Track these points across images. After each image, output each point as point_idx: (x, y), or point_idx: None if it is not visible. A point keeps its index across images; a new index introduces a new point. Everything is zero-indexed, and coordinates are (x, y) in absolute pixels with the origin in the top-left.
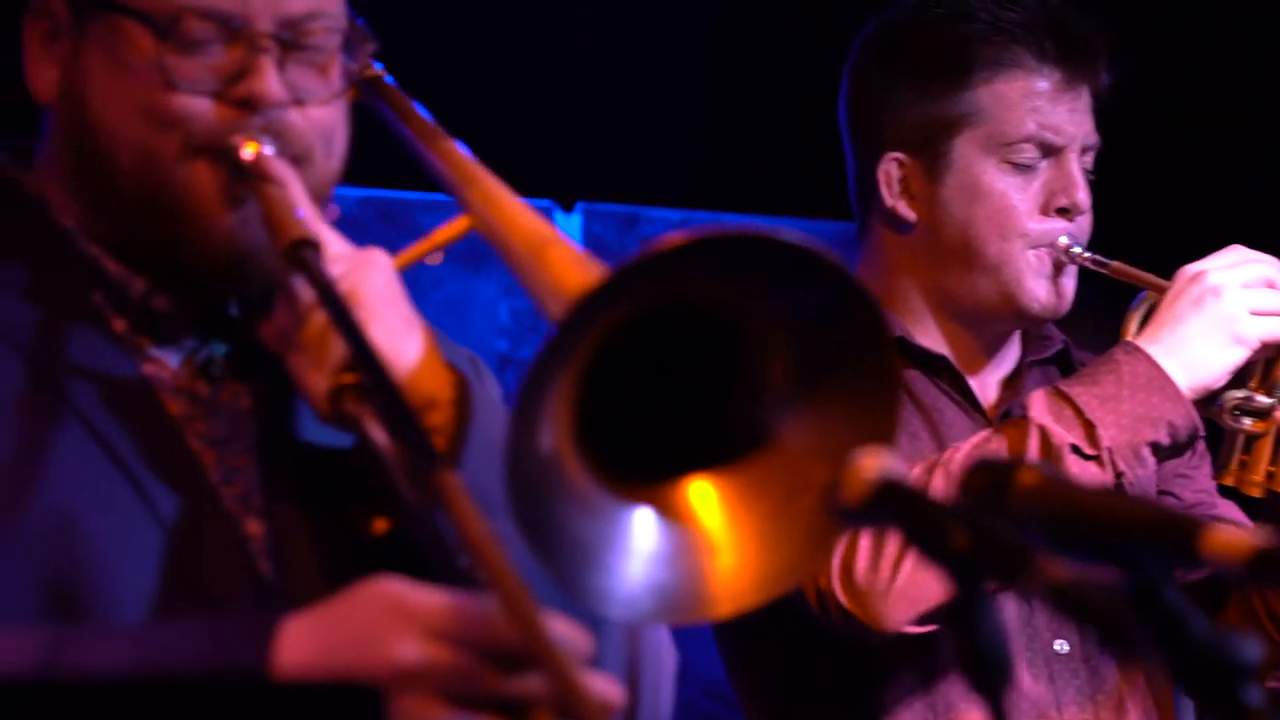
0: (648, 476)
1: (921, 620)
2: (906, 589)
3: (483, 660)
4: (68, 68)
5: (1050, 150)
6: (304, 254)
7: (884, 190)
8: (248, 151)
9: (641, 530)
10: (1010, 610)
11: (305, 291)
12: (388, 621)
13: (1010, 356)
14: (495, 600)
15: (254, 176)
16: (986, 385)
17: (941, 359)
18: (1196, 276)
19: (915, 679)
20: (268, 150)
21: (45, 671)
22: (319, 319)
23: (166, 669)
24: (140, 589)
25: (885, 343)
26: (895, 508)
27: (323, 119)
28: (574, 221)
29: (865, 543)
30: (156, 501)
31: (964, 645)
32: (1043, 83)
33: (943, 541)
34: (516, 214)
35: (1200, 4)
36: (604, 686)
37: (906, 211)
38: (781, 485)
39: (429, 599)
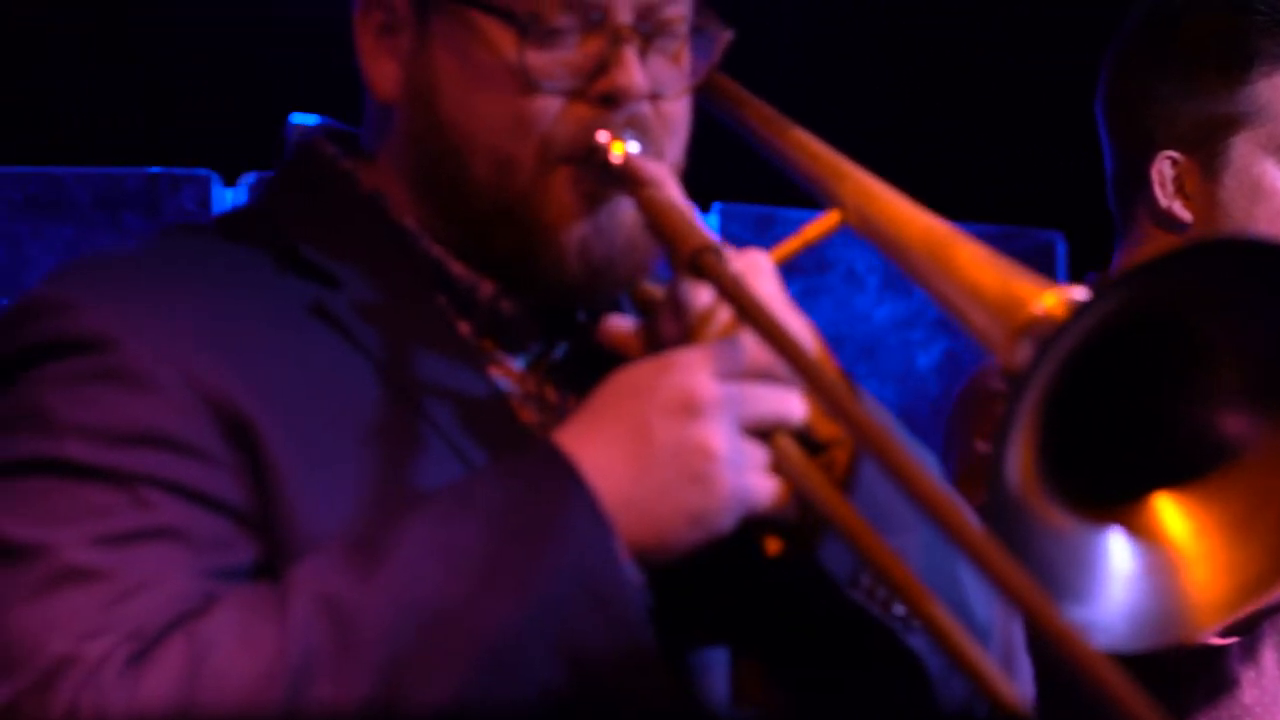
0: (1110, 497)
1: (1227, 631)
2: None
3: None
4: (410, 64)
5: None
6: (710, 260)
7: (1158, 190)
8: (616, 154)
9: (1113, 553)
10: None
11: (697, 300)
12: (666, 375)
13: None
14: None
15: (626, 180)
16: None
17: None
18: None
19: (1204, 693)
20: (633, 148)
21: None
22: (713, 329)
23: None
24: None
25: None
26: None
27: (675, 113)
28: (710, 222)
29: None
30: None
31: None
32: None
33: None
34: (903, 210)
35: None
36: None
37: (1182, 212)
38: (1244, 497)
39: (689, 351)
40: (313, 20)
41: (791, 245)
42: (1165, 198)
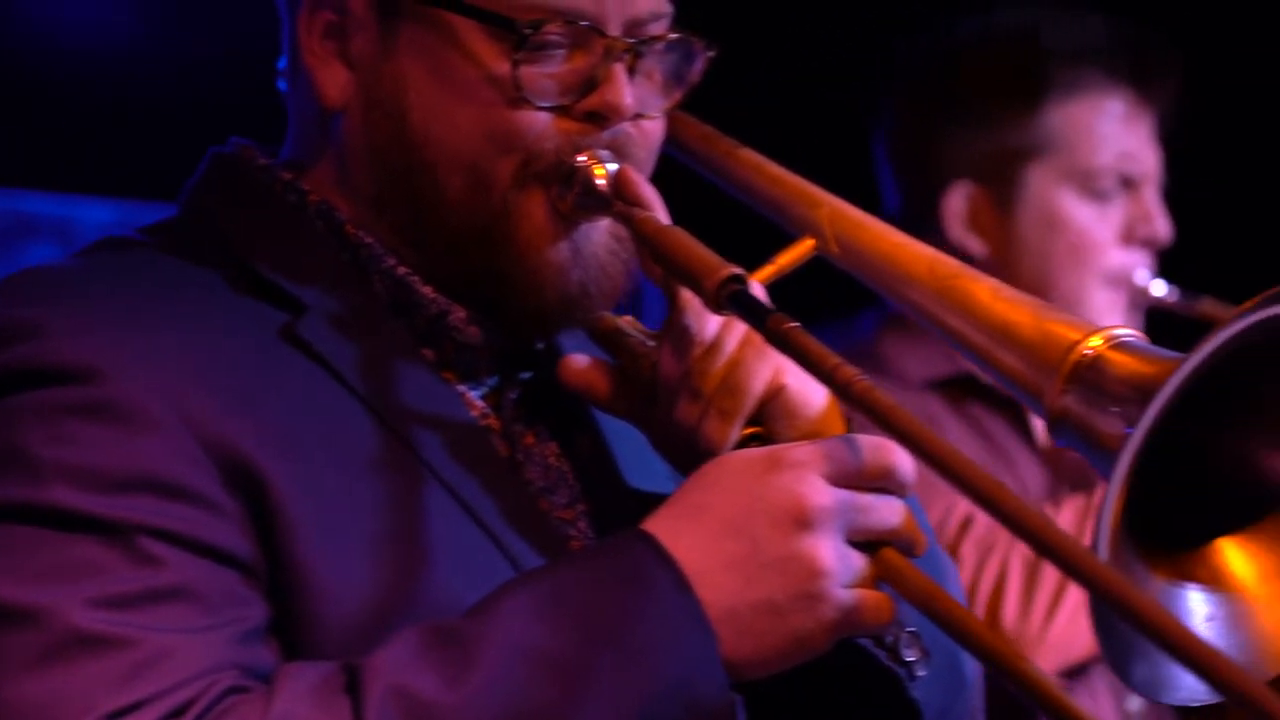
0: (1175, 547)
1: (1072, 672)
2: (1060, 639)
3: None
4: (368, 71)
5: (1128, 181)
6: (739, 290)
7: (950, 223)
8: (600, 175)
9: (1193, 606)
10: None
11: (703, 332)
12: (775, 475)
13: None
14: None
15: (613, 202)
16: (1039, 424)
17: (1009, 397)
18: None
19: None
20: (612, 169)
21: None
22: (723, 363)
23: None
24: None
25: None
26: None
27: (655, 133)
28: None
29: (1015, 587)
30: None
31: None
32: (1115, 104)
33: None
34: (896, 240)
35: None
36: None
37: (976, 246)
38: None
39: (803, 448)
40: None
41: (765, 273)
42: (957, 231)
